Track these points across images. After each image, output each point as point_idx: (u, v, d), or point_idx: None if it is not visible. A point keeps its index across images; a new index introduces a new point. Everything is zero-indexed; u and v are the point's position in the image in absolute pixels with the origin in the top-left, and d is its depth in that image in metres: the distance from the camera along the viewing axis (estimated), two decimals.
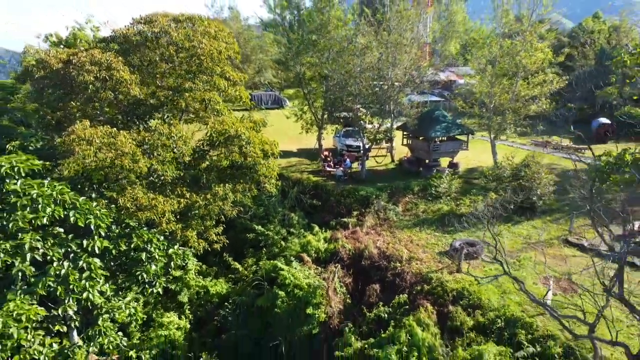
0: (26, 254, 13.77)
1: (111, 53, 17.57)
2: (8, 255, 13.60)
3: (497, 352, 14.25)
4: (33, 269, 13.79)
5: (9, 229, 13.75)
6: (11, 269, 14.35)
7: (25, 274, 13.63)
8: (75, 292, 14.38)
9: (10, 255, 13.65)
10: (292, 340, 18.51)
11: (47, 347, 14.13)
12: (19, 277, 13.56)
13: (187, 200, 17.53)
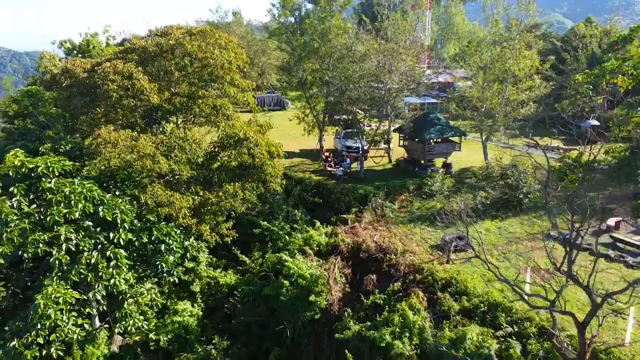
0: (62, 245, 15.60)
1: (132, 63, 19.33)
2: (46, 245, 15.43)
3: (480, 332, 16.01)
4: (68, 257, 15.61)
5: (47, 222, 15.57)
6: (48, 258, 16.21)
7: (62, 262, 15.44)
8: (104, 278, 16.19)
9: (48, 245, 15.48)
10: (296, 324, 20.29)
11: (79, 328, 15.95)
12: (56, 265, 15.37)
13: (201, 198, 19.32)
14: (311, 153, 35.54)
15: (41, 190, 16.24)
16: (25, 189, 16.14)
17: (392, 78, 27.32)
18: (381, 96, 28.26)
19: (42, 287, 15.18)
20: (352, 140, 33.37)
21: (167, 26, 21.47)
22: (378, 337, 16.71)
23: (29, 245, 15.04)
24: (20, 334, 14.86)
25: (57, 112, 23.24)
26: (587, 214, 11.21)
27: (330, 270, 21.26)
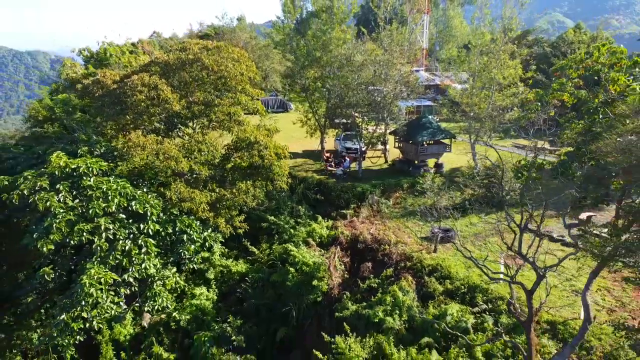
0: (102, 234, 18.26)
1: (156, 76, 21.95)
2: (89, 234, 18.07)
3: (459, 309, 18.65)
4: (107, 244, 18.26)
5: (89, 214, 18.23)
6: (87, 245, 18.86)
7: (102, 248, 18.09)
8: (136, 263, 18.87)
9: (90, 234, 18.13)
10: (300, 306, 22.90)
11: (115, 305, 18.59)
12: (97, 251, 18.03)
13: (217, 194, 21.95)
14: (313, 154, 38.16)
15: (82, 187, 18.89)
16: (69, 186, 18.77)
17: (388, 85, 29.90)
18: (378, 102, 30.86)
19: (84, 270, 17.84)
20: (351, 142, 35.98)
21: (185, 41, 24.14)
22: (372, 314, 19.35)
23: (75, 233, 17.69)
24: (67, 309, 17.47)
25: (85, 118, 25.78)
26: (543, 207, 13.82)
27: (331, 258, 23.89)
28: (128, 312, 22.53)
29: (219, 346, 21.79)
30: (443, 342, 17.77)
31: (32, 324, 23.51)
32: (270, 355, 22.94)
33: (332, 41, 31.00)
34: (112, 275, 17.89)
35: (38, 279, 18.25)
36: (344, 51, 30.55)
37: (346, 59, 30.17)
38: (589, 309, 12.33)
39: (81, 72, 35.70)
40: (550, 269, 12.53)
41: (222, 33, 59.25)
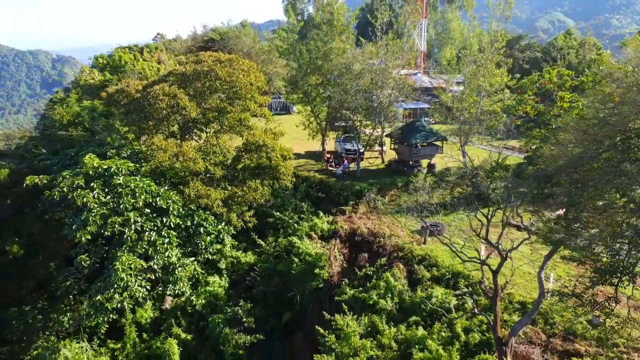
0: (132, 226, 20.91)
1: (175, 86, 24.58)
2: (120, 226, 20.71)
3: (443, 292, 21.26)
4: (136, 235, 20.90)
5: (120, 209, 20.87)
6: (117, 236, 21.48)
7: (132, 238, 20.74)
8: (160, 252, 21.51)
9: (121, 226, 20.76)
10: (304, 293, 25.55)
11: (143, 288, 21.21)
12: (127, 241, 20.67)
13: (229, 192, 24.57)
14: (315, 154, 40.78)
15: (113, 185, 21.54)
16: (102, 184, 21.42)
17: (384, 92, 32.49)
18: (374, 107, 33.47)
19: (116, 258, 20.50)
20: (350, 144, 38.58)
21: (200, 54, 26.72)
22: (367, 298, 21.99)
23: (109, 225, 20.35)
24: (102, 291, 20.12)
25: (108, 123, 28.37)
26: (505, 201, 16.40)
27: (331, 250, 26.53)
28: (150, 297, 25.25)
29: (231, 327, 24.42)
30: (429, 320, 20.39)
31: (63, 308, 26.19)
32: (277, 335, 25.58)
33: (332, 51, 33.59)
34: (141, 262, 20.56)
35: (76, 265, 20.92)
36: (343, 60, 33.12)
37: (345, 67, 32.76)
38: (543, 286, 14.90)
39: (98, 78, 38.36)
40: (510, 252, 15.13)
41: (228, 38, 61.75)
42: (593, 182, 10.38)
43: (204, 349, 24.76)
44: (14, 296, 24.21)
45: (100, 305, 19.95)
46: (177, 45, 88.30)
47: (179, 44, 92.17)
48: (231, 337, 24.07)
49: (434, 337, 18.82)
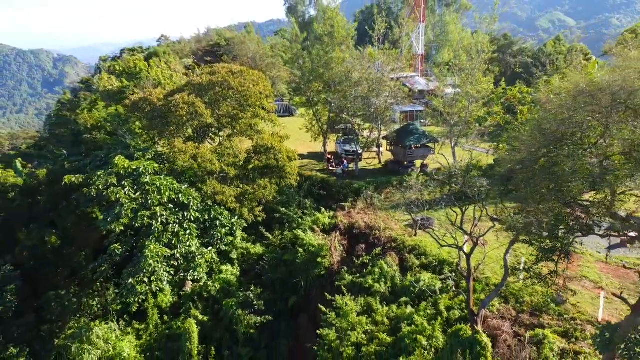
0: (158, 219, 23.99)
1: (193, 95, 27.63)
2: (148, 219, 23.78)
3: (430, 277, 24.30)
4: (162, 227, 23.98)
5: (148, 204, 23.95)
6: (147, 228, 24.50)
7: (158, 230, 23.82)
8: (183, 242, 24.58)
9: (149, 219, 23.83)
10: (307, 279, 28.58)
11: (167, 274, 24.25)
12: (155, 232, 23.75)
13: (241, 189, 27.63)
14: (317, 155, 43.81)
15: (141, 183, 24.63)
16: (132, 183, 24.50)
17: (380, 99, 35.51)
18: (372, 112, 36.49)
19: (145, 247, 23.57)
20: (350, 146, 41.59)
21: (214, 66, 29.75)
22: (364, 282, 25.05)
23: (139, 218, 23.44)
24: (133, 275, 23.19)
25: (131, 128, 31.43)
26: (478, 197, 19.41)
27: (332, 241, 29.58)
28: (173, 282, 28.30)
29: (243, 309, 27.48)
30: (417, 301, 23.41)
31: (92, 294, 29.29)
32: (284, 317, 28.64)
33: (333, 60, 36.60)
34: (166, 250, 23.66)
35: (109, 252, 24.02)
36: (343, 69, 36.14)
37: (345, 75, 35.78)
38: (507, 266, 17.91)
39: (116, 84, 41.42)
40: (479, 238, 18.16)
41: (233, 44, 64.73)
42: (533, 180, 13.30)
43: (219, 329, 27.84)
44: (52, 282, 27.26)
45: (132, 287, 23.04)
46: (182, 47, 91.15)
47: (183, 45, 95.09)
48: (243, 318, 27.12)
49: (421, 314, 21.87)
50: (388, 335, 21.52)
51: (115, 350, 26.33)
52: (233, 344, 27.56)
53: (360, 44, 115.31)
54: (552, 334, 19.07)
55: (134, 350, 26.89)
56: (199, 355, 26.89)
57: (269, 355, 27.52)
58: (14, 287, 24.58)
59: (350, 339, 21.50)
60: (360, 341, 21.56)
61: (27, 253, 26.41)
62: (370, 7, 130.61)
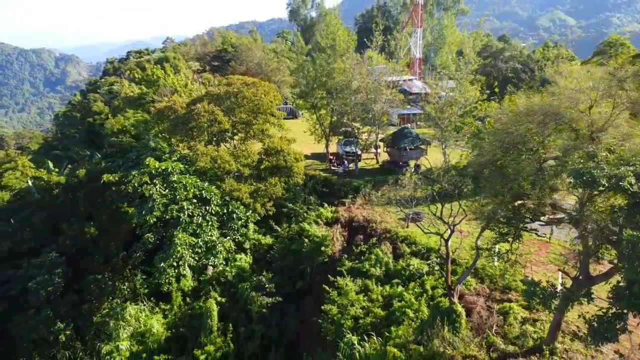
0: (185, 212, 27.92)
1: (212, 104, 31.54)
2: (176, 212, 27.71)
3: (419, 262, 28.20)
4: (188, 219, 27.91)
5: (176, 199, 27.87)
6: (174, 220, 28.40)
7: (185, 221, 27.75)
8: (206, 232, 28.50)
9: (178, 212, 27.76)
10: (312, 266, 32.50)
11: (192, 259, 28.16)
12: (182, 223, 27.68)
13: (255, 186, 31.55)
14: (320, 156, 47.69)
15: (170, 181, 28.57)
16: (162, 181, 28.42)
17: (376, 105, 39.39)
18: (370, 117, 40.39)
19: (173, 236, 27.49)
20: (350, 147, 45.47)
21: (230, 77, 33.65)
22: (361, 267, 28.98)
23: (169, 212, 27.37)
24: (164, 260, 27.08)
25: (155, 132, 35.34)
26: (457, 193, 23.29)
27: (334, 233, 33.50)
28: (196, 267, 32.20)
29: (256, 292, 31.40)
30: (407, 282, 27.30)
31: (122, 279, 33.23)
32: (292, 299, 32.56)
33: (335, 70, 40.48)
34: (192, 238, 27.60)
35: (143, 241, 27.95)
36: (344, 78, 40.03)
37: (346, 84, 39.66)
38: (478, 250, 21.77)
39: (137, 91, 45.37)
40: (455, 225, 22.08)
41: (241, 50, 68.56)
42: (491, 179, 17.09)
43: (235, 309, 31.77)
44: (90, 268, 31.22)
45: (164, 270, 27.01)
46: (187, 50, 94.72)
47: (189, 48, 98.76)
48: (256, 299, 31.04)
49: (409, 292, 25.78)
50: (382, 310, 25.45)
51: (146, 327, 30.34)
52: (247, 322, 31.47)
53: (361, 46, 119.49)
54: (517, 307, 22.98)
55: (162, 327, 30.88)
56: (218, 331, 30.83)
57: (279, 331, 31.44)
58: (60, 271, 28.53)
59: (350, 312, 25.43)
60: (358, 315, 25.49)
61: (69, 242, 30.34)
62: (371, 11, 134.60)
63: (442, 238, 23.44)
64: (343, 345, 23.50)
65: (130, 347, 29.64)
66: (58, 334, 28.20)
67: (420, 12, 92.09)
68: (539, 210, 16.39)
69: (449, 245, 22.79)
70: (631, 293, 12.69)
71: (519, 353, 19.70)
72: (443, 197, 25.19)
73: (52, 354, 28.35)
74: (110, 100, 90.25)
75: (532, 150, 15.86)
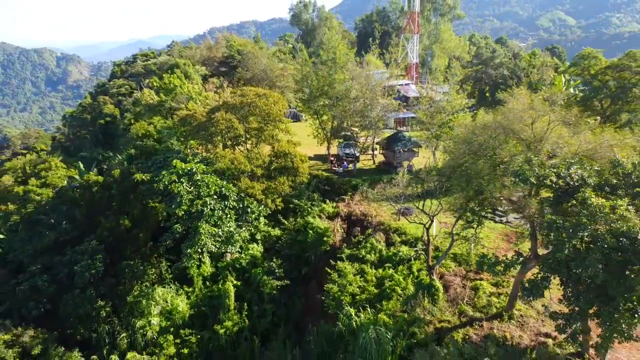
0: (208, 206, 32.71)
1: (229, 113, 36.29)
2: (200, 206, 32.50)
3: (407, 249, 32.99)
4: (211, 212, 32.70)
5: (200, 195, 32.65)
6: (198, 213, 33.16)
7: (208, 214, 32.54)
8: (225, 223, 33.32)
9: (202, 206, 32.54)
10: (316, 254, 37.30)
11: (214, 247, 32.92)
12: (206, 216, 32.46)
13: (266, 184, 36.33)
14: (322, 157, 52.47)
15: (194, 180, 33.32)
16: (187, 179, 33.18)
17: (372, 113, 44.16)
18: (367, 123, 45.16)
19: (198, 226, 32.27)
20: (349, 149, 50.21)
21: (244, 89, 38.43)
22: (358, 253, 33.79)
23: (194, 206, 32.15)
24: (190, 247, 31.83)
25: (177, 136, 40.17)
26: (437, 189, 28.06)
27: (334, 225, 38.29)
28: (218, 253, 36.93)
29: (267, 276, 36.19)
30: (397, 266, 32.08)
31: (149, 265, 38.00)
32: (298, 282, 37.38)
33: (335, 81, 45.22)
34: (214, 229, 32.40)
35: (172, 230, 32.72)
36: (343, 87, 44.80)
37: (345, 93, 44.42)
38: (453, 237, 26.48)
39: (156, 99, 50.15)
40: (434, 216, 26.84)
41: (247, 58, 73.13)
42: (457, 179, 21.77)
43: (249, 291, 36.58)
44: (124, 255, 36.02)
45: (190, 256, 31.79)
46: (192, 53, 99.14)
47: (194, 51, 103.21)
48: (267, 282, 35.84)
49: (399, 274, 30.57)
50: (375, 288, 30.24)
51: (172, 306, 35.19)
52: (260, 302, 36.28)
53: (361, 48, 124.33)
54: (487, 284, 27.78)
55: (186, 306, 35.72)
56: (235, 310, 35.65)
57: (287, 310, 36.27)
58: (101, 257, 33.34)
59: (348, 290, 30.22)
60: (355, 292, 30.28)
61: (106, 233, 35.09)
62: (370, 15, 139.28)
63: (424, 227, 28.23)
64: (342, 316, 28.31)
65: (160, 323, 34.54)
66: (99, 311, 33.04)
67: (416, 19, 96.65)
68: (495, 202, 21.11)
69: (429, 233, 27.57)
70: (553, 260, 17.43)
71: (484, 318, 24.48)
72: (426, 194, 29.93)
73: (94, 328, 33.19)
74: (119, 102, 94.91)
75: (487, 156, 20.56)
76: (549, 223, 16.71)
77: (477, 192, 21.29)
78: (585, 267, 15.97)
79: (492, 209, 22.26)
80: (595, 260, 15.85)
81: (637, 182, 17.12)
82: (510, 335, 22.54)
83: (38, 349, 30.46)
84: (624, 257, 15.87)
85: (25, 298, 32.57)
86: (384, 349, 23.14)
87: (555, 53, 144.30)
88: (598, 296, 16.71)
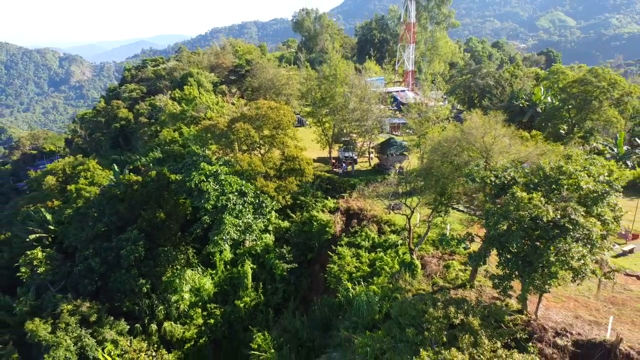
0: (230, 201, 39.71)
1: (247, 123, 43.24)
2: (225, 201, 39.49)
3: (396, 237, 39.90)
4: (233, 206, 39.69)
5: (225, 192, 39.65)
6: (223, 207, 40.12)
7: (231, 207, 39.54)
8: (244, 215, 40.36)
9: (226, 201, 39.53)
10: (319, 242, 44.23)
11: (236, 234, 39.91)
12: (229, 209, 39.45)
13: (277, 184, 43.28)
14: (324, 160, 59.43)
15: (219, 179, 40.30)
16: (213, 179, 40.15)
17: (368, 122, 51.10)
18: (363, 130, 52.10)
19: (223, 218, 39.27)
20: (349, 153, 57.15)
21: (258, 102, 45.40)
22: (355, 240, 40.74)
23: (220, 201, 39.15)
24: (217, 235, 38.78)
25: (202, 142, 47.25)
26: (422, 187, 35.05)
27: (335, 218, 45.25)
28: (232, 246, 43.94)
29: (279, 260, 43.15)
30: (386, 250, 38.97)
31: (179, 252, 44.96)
32: (304, 266, 44.35)
33: (336, 94, 52.16)
34: (236, 220, 39.39)
35: (201, 221, 39.71)
36: (343, 100, 51.74)
37: (344, 105, 51.36)
38: (429, 226, 33.30)
39: (179, 108, 57.14)
40: (415, 208, 33.74)
41: (255, 69, 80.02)
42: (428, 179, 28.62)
43: (263, 272, 43.62)
44: (158, 242, 43.04)
45: (216, 243, 38.79)
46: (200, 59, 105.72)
47: (201, 57, 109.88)
48: (279, 265, 42.83)
49: (387, 256, 37.45)
50: (368, 268, 37.14)
51: (200, 285, 42.25)
52: (272, 281, 43.31)
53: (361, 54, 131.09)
54: (457, 263, 34.66)
55: (211, 285, 42.80)
56: (252, 288, 42.69)
57: (296, 288, 43.27)
58: (142, 243, 40.35)
59: (346, 269, 37.14)
60: (352, 271, 37.19)
61: (145, 224, 42.08)
62: (370, 23, 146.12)
63: (407, 217, 35.15)
64: (341, 289, 35.23)
65: (190, 298, 41.61)
66: (141, 287, 40.07)
67: (412, 29, 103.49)
68: (456, 197, 28.05)
69: (411, 222, 34.50)
70: (490, 237, 24.32)
71: (451, 287, 31.36)
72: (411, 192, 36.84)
73: (136, 301, 40.22)
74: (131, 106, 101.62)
75: (450, 161, 27.42)
76: (487, 211, 23.61)
77: (443, 189, 28.16)
78: (512, 241, 22.84)
79: (457, 201, 29.08)
80: (518, 236, 22.71)
81: (552, 181, 23.99)
82: (469, 298, 29.43)
83: (94, 317, 37.48)
84: (538, 234, 22.74)
85: (80, 276, 39.61)
86: (373, 309, 30.06)
87: (550, 57, 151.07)
88: (521, 262, 23.54)
